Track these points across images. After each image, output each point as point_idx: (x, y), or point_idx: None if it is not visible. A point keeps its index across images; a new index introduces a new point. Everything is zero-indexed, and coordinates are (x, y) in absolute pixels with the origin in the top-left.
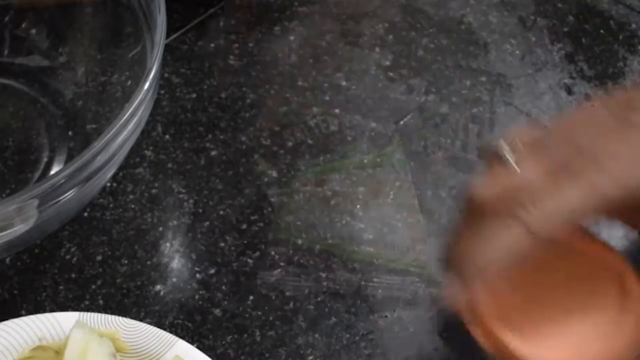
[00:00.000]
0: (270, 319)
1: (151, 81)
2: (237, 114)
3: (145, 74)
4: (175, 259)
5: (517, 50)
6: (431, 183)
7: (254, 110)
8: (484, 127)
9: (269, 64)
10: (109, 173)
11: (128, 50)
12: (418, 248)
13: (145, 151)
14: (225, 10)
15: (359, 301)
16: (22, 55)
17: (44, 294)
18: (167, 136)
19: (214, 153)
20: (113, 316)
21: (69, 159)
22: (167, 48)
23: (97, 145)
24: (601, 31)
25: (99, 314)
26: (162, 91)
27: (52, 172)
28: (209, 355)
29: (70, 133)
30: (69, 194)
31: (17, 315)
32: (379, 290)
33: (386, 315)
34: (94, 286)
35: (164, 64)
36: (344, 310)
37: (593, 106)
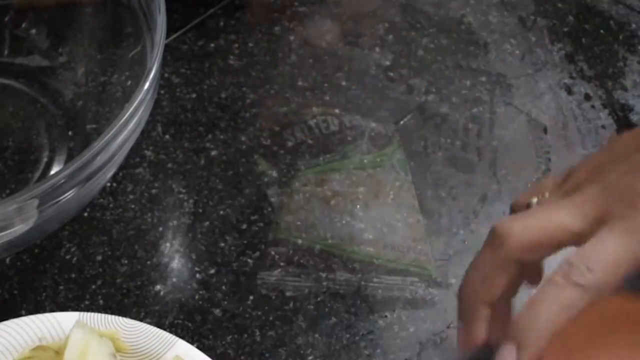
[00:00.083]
0: (270, 319)
1: (151, 81)
2: (237, 114)
3: (145, 74)
4: (175, 259)
5: (517, 50)
6: (431, 183)
7: (254, 110)
8: (484, 127)
9: (269, 64)
10: (109, 173)
11: (128, 50)
12: (418, 248)
13: (145, 151)
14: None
15: (359, 301)
16: (22, 55)
17: (44, 294)
18: (167, 136)
19: (214, 153)
20: (113, 316)
21: (69, 159)
22: (167, 48)
23: (97, 145)
24: (601, 31)
25: (99, 314)
26: (162, 91)
27: (52, 172)
28: (209, 355)
29: (70, 133)
30: (69, 194)
31: (17, 315)
32: (379, 290)
33: (386, 315)
34: (94, 286)
35: (164, 64)
36: (344, 310)
37: (616, 142)
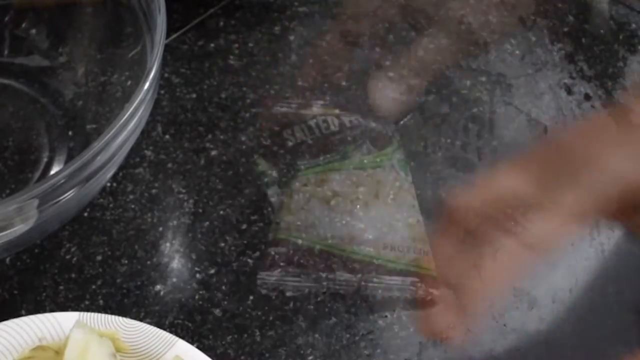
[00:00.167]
0: (270, 319)
1: (151, 81)
2: (237, 114)
3: (145, 74)
4: (175, 259)
5: (517, 50)
6: (431, 183)
7: (254, 110)
8: (484, 127)
9: (269, 64)
10: (109, 173)
11: (128, 50)
12: (418, 248)
13: (145, 151)
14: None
15: (359, 301)
16: (22, 55)
17: (44, 294)
18: (167, 136)
19: (214, 153)
20: (113, 316)
21: (69, 159)
22: (167, 48)
23: (97, 145)
24: (601, 31)
25: (99, 314)
26: (162, 91)
27: (52, 172)
28: (209, 355)
29: (70, 133)
30: (69, 194)
31: (17, 315)
32: (379, 290)
33: (386, 315)
34: (94, 286)
35: (164, 64)
36: (344, 310)
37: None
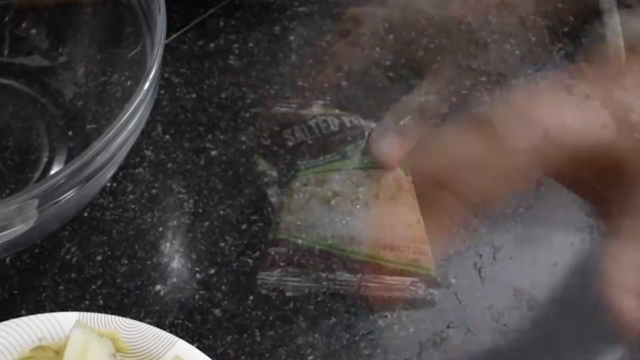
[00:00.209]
0: (270, 319)
1: (151, 81)
2: (237, 114)
3: (145, 74)
4: (175, 259)
5: (517, 50)
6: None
7: (254, 110)
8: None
9: (269, 64)
10: (109, 173)
11: (128, 50)
12: (418, 248)
13: (145, 151)
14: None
15: (359, 301)
16: (22, 55)
17: (44, 294)
18: (167, 136)
19: (214, 153)
20: (113, 316)
21: (69, 159)
22: (167, 48)
23: (97, 145)
24: (601, 31)
25: (99, 314)
26: (162, 91)
27: (52, 172)
28: (209, 355)
29: (70, 133)
30: (69, 194)
31: (17, 315)
32: (379, 291)
33: (386, 315)
34: (94, 286)
35: (164, 64)
36: (344, 310)
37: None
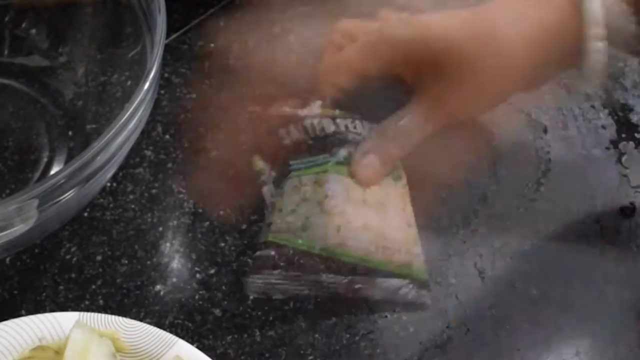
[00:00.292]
0: (270, 319)
1: (151, 81)
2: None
3: (145, 74)
4: (175, 259)
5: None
6: (431, 183)
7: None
8: (484, 127)
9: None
10: (109, 173)
11: (128, 50)
12: (409, 251)
13: (145, 151)
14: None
15: (359, 301)
16: (22, 55)
17: (44, 294)
18: (167, 136)
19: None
20: (113, 316)
21: (69, 159)
22: (167, 48)
23: (97, 145)
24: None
25: (99, 314)
26: (162, 91)
27: (52, 172)
28: (209, 355)
29: (70, 133)
30: (69, 194)
31: (17, 315)
32: (379, 291)
33: (386, 316)
34: (94, 286)
35: (164, 64)
36: (344, 310)
37: None
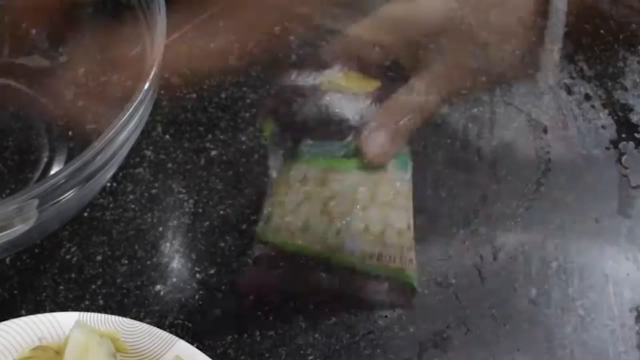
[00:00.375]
0: (270, 319)
1: (151, 81)
2: (237, 114)
3: (145, 74)
4: (175, 259)
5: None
6: (431, 183)
7: (254, 110)
8: (484, 127)
9: (269, 64)
10: (109, 173)
11: (128, 50)
12: (404, 257)
13: (145, 151)
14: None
15: (359, 301)
16: (22, 55)
17: (44, 294)
18: (167, 136)
19: (214, 153)
20: (113, 316)
21: (69, 159)
22: (167, 48)
23: (97, 145)
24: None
25: (99, 314)
26: (162, 91)
27: (52, 172)
28: (209, 355)
29: (70, 133)
30: (69, 194)
31: (17, 315)
32: (379, 291)
33: (386, 316)
34: (94, 286)
35: (164, 64)
36: (344, 310)
37: None
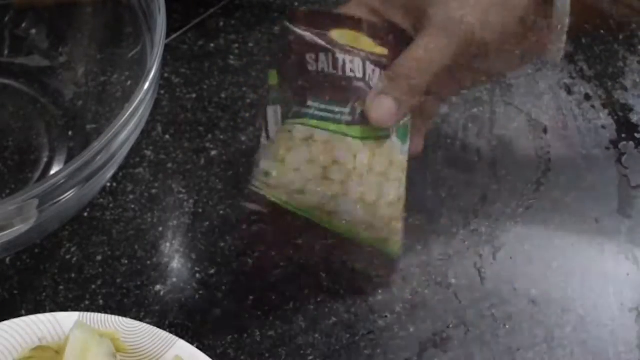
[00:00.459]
0: (270, 319)
1: (151, 81)
2: (237, 114)
3: (145, 74)
4: (175, 259)
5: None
6: (431, 183)
7: (254, 110)
8: (484, 127)
9: (269, 64)
10: (109, 173)
11: (128, 50)
12: (392, 227)
13: (145, 151)
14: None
15: (359, 301)
16: (22, 55)
17: (44, 294)
18: (167, 136)
19: (214, 153)
20: (113, 316)
21: (69, 159)
22: (167, 48)
23: (97, 145)
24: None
25: (99, 314)
26: (162, 91)
27: (52, 172)
28: (209, 355)
29: (70, 133)
30: (69, 194)
31: (17, 315)
32: (379, 290)
33: (386, 315)
34: (94, 286)
35: (164, 64)
36: (344, 310)
37: None
